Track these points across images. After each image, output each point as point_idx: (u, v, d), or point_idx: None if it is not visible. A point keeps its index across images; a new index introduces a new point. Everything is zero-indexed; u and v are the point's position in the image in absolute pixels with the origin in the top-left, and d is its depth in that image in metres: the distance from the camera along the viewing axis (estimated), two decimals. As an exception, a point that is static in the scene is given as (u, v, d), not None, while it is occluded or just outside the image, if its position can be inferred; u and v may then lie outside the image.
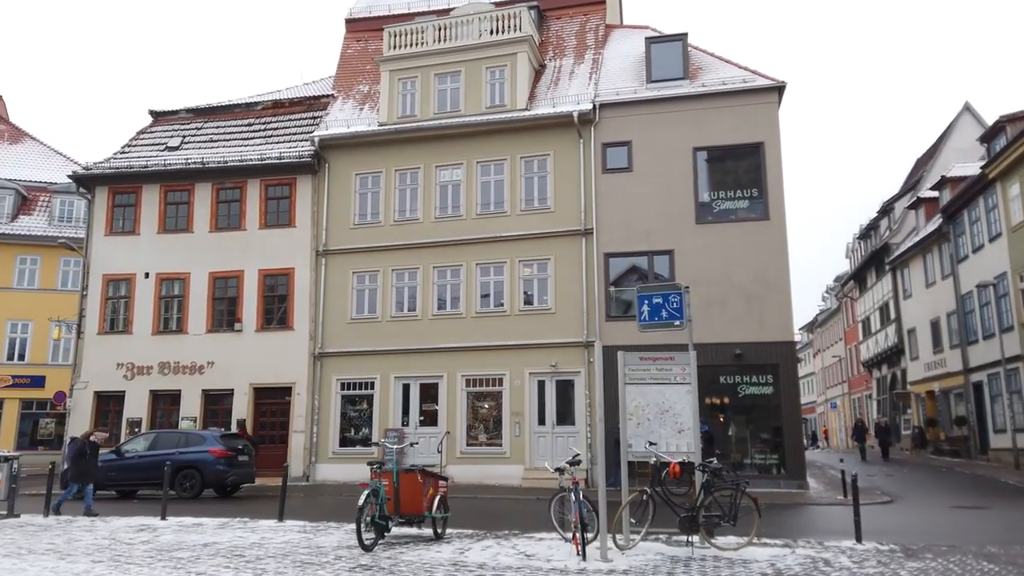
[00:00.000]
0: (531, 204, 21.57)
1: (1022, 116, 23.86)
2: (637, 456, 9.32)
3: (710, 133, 20.45)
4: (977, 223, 26.76)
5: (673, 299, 10.27)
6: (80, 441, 14.27)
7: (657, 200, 20.45)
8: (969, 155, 31.73)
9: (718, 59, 21.80)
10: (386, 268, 22.21)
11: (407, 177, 22.64)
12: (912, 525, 12.68)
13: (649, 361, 9.53)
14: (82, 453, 13.93)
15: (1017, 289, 23.69)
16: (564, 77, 22.96)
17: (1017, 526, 12.12)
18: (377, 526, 8.81)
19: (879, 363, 40.41)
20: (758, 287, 19.42)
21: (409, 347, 21.47)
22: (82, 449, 13.97)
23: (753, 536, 8.78)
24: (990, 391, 26.38)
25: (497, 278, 21.48)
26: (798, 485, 18.29)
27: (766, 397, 19.29)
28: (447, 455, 20.72)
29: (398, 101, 23.05)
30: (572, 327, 20.40)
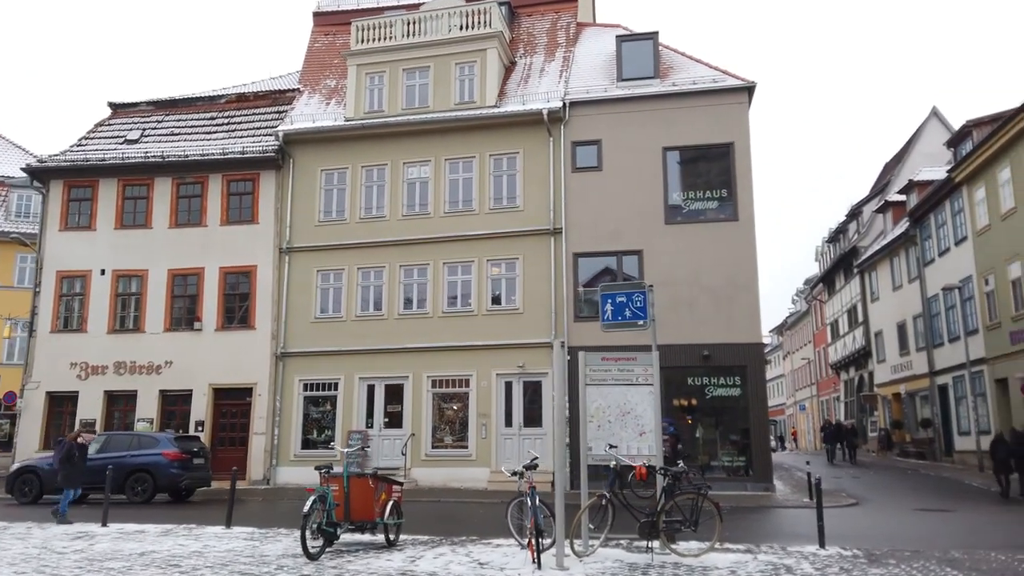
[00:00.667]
0: (500, 203, 21.25)
1: (988, 121, 24.05)
2: (597, 459, 9.03)
3: (680, 133, 20.29)
4: (943, 227, 26.98)
5: (637, 298, 10.00)
6: (68, 443, 13.45)
7: (627, 200, 20.24)
8: (936, 160, 32.04)
9: (689, 58, 21.66)
10: (351, 266, 21.73)
11: (374, 174, 22.19)
12: (877, 529, 12.56)
13: (611, 362, 9.25)
14: (70, 456, 13.16)
15: (982, 292, 23.88)
16: (534, 74, 22.68)
17: (981, 529, 12.05)
18: (325, 533, 8.40)
19: (847, 365, 40.72)
20: (727, 288, 19.29)
21: (374, 347, 21.02)
22: (70, 451, 13.18)
23: (715, 541, 8.54)
24: (955, 394, 26.59)
25: (465, 277, 21.13)
26: (764, 487, 18.18)
27: (734, 399, 19.16)
28: (412, 457, 20.30)
29: (365, 96, 22.59)
30: (540, 327, 20.10)
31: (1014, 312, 21.72)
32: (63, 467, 13.06)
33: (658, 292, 19.48)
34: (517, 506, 8.72)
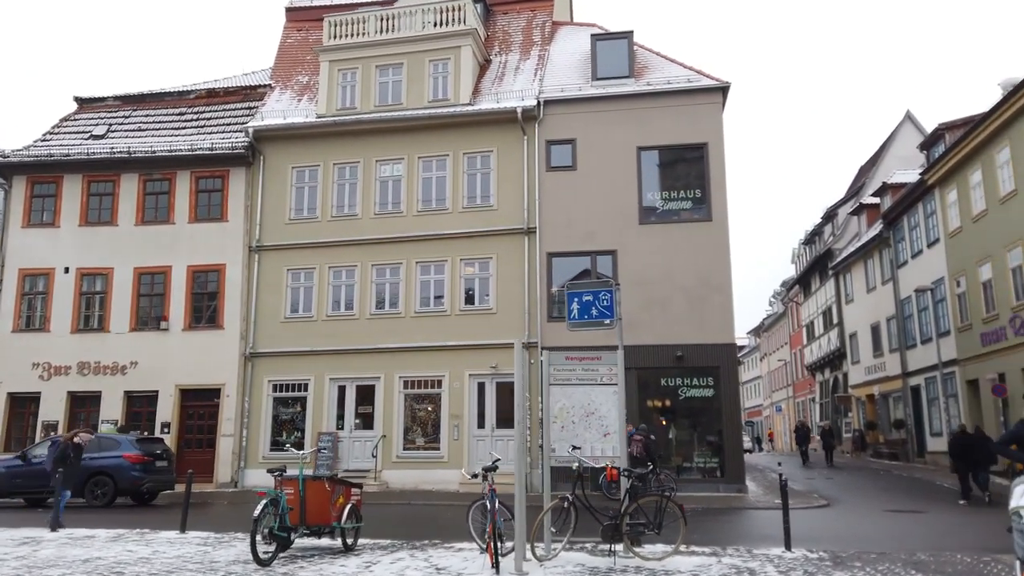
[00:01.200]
0: (473, 201, 21.02)
1: (960, 124, 24.21)
2: (560, 461, 8.83)
3: (654, 133, 20.19)
4: (916, 229, 27.15)
5: (604, 297, 9.81)
6: (63, 443, 12.89)
7: (601, 199, 20.10)
8: (910, 163, 32.30)
9: (663, 58, 21.58)
10: (322, 265, 21.40)
11: (346, 171, 21.87)
12: (846, 530, 12.50)
13: (575, 361, 9.06)
14: (65, 456, 12.63)
15: (954, 294, 24.04)
16: (509, 73, 22.48)
17: (950, 531, 12.01)
18: (278, 538, 8.11)
19: (822, 367, 40.94)
20: (700, 288, 19.21)
21: (345, 347, 20.70)
22: (64, 452, 12.62)
23: (679, 544, 8.37)
24: (927, 395, 26.76)
25: (438, 277, 20.88)
26: (737, 489, 18.10)
27: (707, 400, 19.07)
28: (383, 459, 20.01)
29: (338, 93, 22.27)
30: (513, 327, 19.86)
31: (985, 314, 21.86)
32: (57, 468, 12.47)
33: (632, 292, 19.68)
34: (479, 509, 8.49)
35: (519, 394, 8.01)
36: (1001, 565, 8.13)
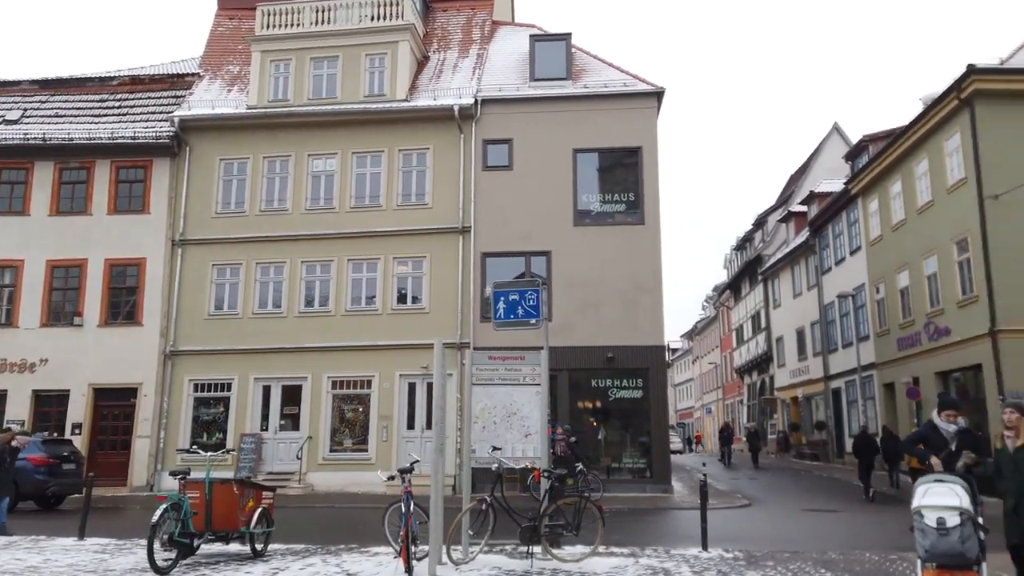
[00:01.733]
0: (408, 199, 20.73)
1: (883, 136, 25.17)
2: (480, 462, 8.70)
3: (590, 135, 20.30)
4: (840, 236, 28.10)
5: (530, 296, 9.71)
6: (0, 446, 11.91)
7: (536, 200, 20.09)
8: (837, 173, 33.42)
9: (601, 62, 21.74)
10: (250, 261, 20.75)
11: (276, 165, 21.28)
12: (764, 529, 12.75)
13: (498, 361, 8.95)
14: (1, 460, 11.67)
15: (873, 300, 24.95)
16: (447, 70, 22.27)
17: (861, 530, 12.38)
18: (179, 545, 7.72)
19: (750, 370, 42.02)
20: (632, 291, 19.40)
21: (272, 346, 20.12)
22: (1, 456, 11.69)
23: (597, 546, 8.33)
24: (847, 397, 27.72)
25: (370, 275, 20.50)
26: (663, 489, 18.33)
27: (636, 401, 19.26)
28: (308, 461, 19.51)
29: (270, 84, 21.65)
30: (446, 328, 19.64)
31: (902, 319, 22.75)
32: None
33: (565, 294, 19.75)
34: (396, 512, 8.26)
35: (437, 394, 7.84)
36: (906, 563, 8.38)
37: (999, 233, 17.80)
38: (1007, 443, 6.50)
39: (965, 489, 5.89)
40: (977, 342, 18.24)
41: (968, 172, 18.69)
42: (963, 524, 5.69)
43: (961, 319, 19.16)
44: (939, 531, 5.70)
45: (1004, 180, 17.73)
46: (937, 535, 5.70)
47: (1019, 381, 16.81)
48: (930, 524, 5.76)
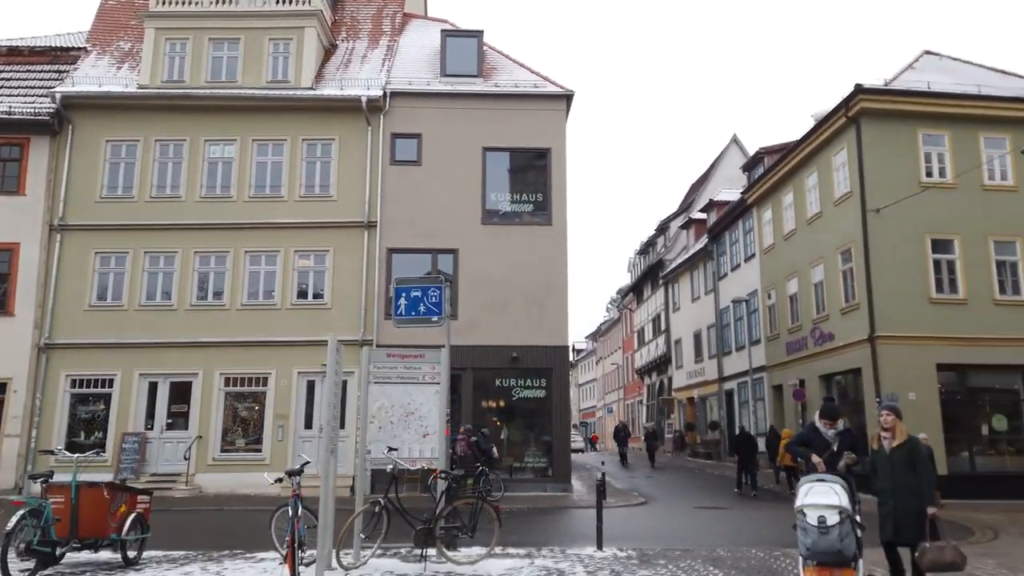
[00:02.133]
0: (312, 190, 20.07)
1: (778, 149, 26.38)
2: (376, 463, 8.44)
3: (500, 134, 20.25)
4: (736, 244, 29.26)
5: (432, 293, 9.54)
6: None
7: (445, 197, 19.87)
8: (735, 182, 34.85)
9: (512, 62, 21.74)
10: (137, 249, 19.55)
11: (170, 149, 20.14)
12: (659, 527, 13.03)
13: (396, 359, 8.71)
14: None
15: (765, 305, 26.10)
16: (356, 60, 21.71)
17: (749, 527, 12.86)
18: (39, 554, 7.09)
19: (650, 371, 43.22)
20: (538, 291, 19.48)
21: (160, 340, 19.02)
22: None
23: (492, 547, 8.24)
24: (739, 398, 28.90)
25: (269, 268, 19.71)
26: (563, 488, 18.50)
27: (539, 401, 19.36)
28: (197, 462, 18.55)
29: (164, 63, 20.46)
30: (349, 324, 19.13)
31: (790, 324, 23.89)
32: None
33: (472, 293, 19.62)
34: (283, 515, 7.89)
35: (329, 392, 7.54)
36: (789, 559, 8.72)
37: (879, 245, 18.93)
38: (883, 444, 6.82)
39: (845, 488, 6.13)
40: (858, 347, 19.35)
41: (853, 186, 19.79)
42: (842, 522, 5.91)
43: (844, 325, 20.28)
44: (820, 529, 5.91)
45: (885, 195, 18.87)
46: (818, 533, 5.90)
47: (895, 385, 17.94)
48: (811, 523, 5.96)
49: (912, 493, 6.55)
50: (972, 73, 21.82)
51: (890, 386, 18.02)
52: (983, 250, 19.11)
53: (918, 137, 19.59)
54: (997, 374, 19.02)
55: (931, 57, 23.22)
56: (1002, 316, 18.77)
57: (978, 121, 19.66)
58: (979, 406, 18.95)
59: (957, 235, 19.09)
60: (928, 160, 19.55)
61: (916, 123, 19.59)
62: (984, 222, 19.15)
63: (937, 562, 6.21)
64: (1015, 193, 19.52)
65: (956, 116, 19.60)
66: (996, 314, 18.80)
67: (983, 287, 18.94)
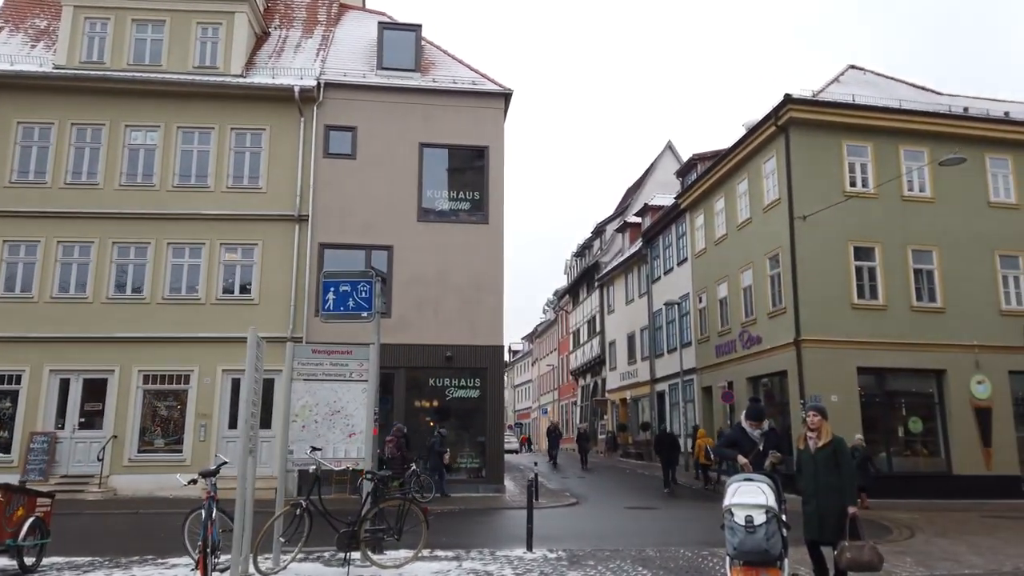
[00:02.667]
0: (240, 182, 19.36)
1: (711, 156, 26.91)
2: (299, 464, 8.10)
3: (437, 130, 19.97)
4: (669, 248, 29.72)
5: (362, 288, 9.24)
6: None
7: (380, 192, 19.47)
8: (669, 188, 35.44)
9: (451, 58, 21.51)
10: (50, 238, 18.47)
11: (87, 134, 19.10)
12: (589, 527, 13.01)
13: (322, 355, 8.38)
14: None
15: (696, 309, 26.58)
16: (289, 49, 21.08)
17: (677, 526, 12.97)
18: (-81, 564, 6.52)
19: (585, 372, 43.55)
20: (473, 290, 19.30)
21: (73, 335, 18.01)
22: None
23: (420, 549, 8.00)
24: (670, 399, 29.35)
25: (193, 261, 18.91)
26: (496, 489, 18.36)
27: (473, 401, 19.17)
28: (111, 463, 17.63)
29: (83, 43, 19.40)
30: (277, 321, 18.53)
31: (720, 328, 24.38)
32: None
33: (406, 290, 19.28)
34: (197, 518, 7.48)
35: (247, 388, 7.19)
36: (716, 559, 8.78)
37: (805, 251, 19.48)
38: (809, 444, 6.91)
39: (771, 488, 6.17)
40: (784, 350, 19.86)
41: (781, 193, 20.32)
42: (768, 522, 5.94)
43: (771, 328, 20.79)
44: (747, 529, 5.92)
45: (811, 202, 19.43)
46: (745, 532, 5.91)
47: (818, 387, 18.48)
48: (739, 522, 5.97)
49: (835, 492, 6.65)
50: (893, 88, 22.75)
51: (814, 388, 18.55)
52: (902, 258, 19.88)
53: (843, 147, 20.25)
54: (913, 378, 19.82)
55: (856, 72, 24.11)
56: (919, 322, 19.57)
57: (899, 134, 20.46)
58: (896, 408, 19.71)
59: (878, 243, 19.80)
60: (852, 170, 20.23)
61: (841, 134, 20.25)
62: (903, 232, 19.94)
63: (856, 560, 6.31)
64: (932, 205, 20.37)
65: (878, 128, 20.35)
66: (913, 320, 19.58)
67: (901, 294, 19.69)
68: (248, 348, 7.14)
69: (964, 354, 19.43)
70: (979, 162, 20.55)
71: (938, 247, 20.13)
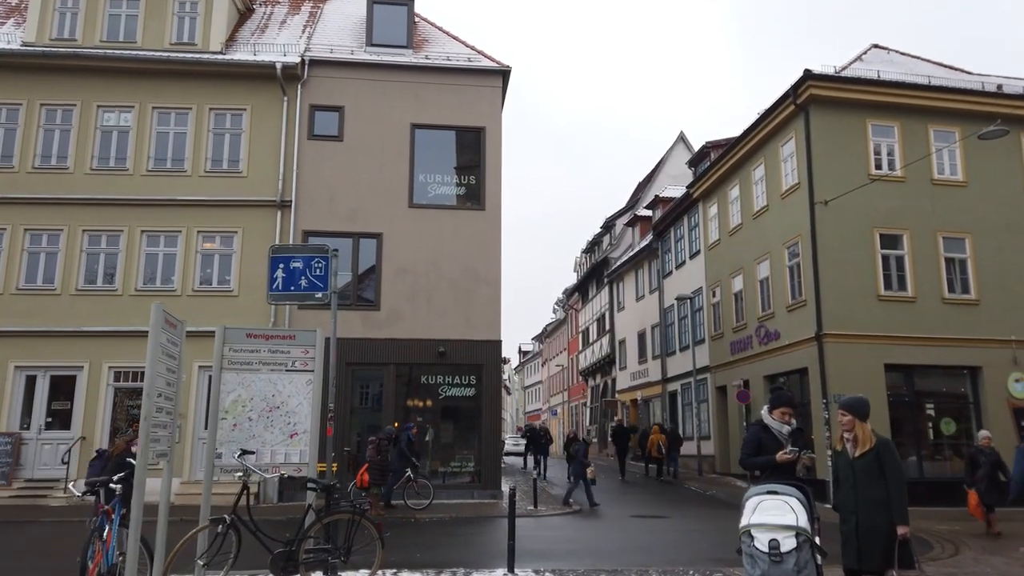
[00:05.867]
0: (219, 165, 18.14)
1: (723, 143, 25.46)
2: (227, 469, 6.78)
3: (430, 111, 18.68)
4: (681, 241, 28.26)
5: (317, 264, 7.96)
6: None
7: (368, 176, 18.20)
8: (681, 180, 33.97)
9: (445, 34, 20.21)
10: (16, 226, 17.34)
11: (57, 115, 17.96)
12: (590, 540, 11.64)
13: (259, 339, 7.06)
14: None
15: (710, 304, 25.10)
16: (274, 25, 19.86)
17: (687, 539, 11.56)
18: None
19: (594, 372, 42.09)
20: (468, 281, 17.98)
21: (39, 329, 16.86)
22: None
23: (374, 572, 6.66)
24: (682, 400, 27.87)
25: (169, 250, 17.71)
26: (492, 495, 17.00)
27: (469, 399, 17.85)
28: (79, 466, 16.39)
29: (53, 19, 18.28)
30: (258, 312, 17.25)
31: (735, 323, 22.90)
32: None
33: (397, 281, 17.95)
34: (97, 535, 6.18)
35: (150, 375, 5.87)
36: (731, 581, 7.39)
37: (827, 239, 18.01)
38: (847, 447, 5.49)
39: (802, 503, 4.78)
40: (804, 346, 18.38)
41: (801, 178, 18.85)
42: (800, 548, 4.55)
43: (790, 323, 19.31)
44: (772, 557, 4.53)
45: (833, 186, 17.96)
46: (769, 562, 4.53)
47: (842, 385, 16.96)
48: (761, 548, 4.59)
49: (880, 508, 5.23)
50: (919, 67, 21.22)
51: (837, 387, 17.05)
52: (932, 246, 18.37)
53: (867, 127, 18.76)
54: (945, 375, 18.29)
55: (879, 51, 22.58)
56: (951, 315, 18.04)
57: (928, 113, 18.94)
58: (927, 409, 18.17)
59: (906, 230, 18.30)
60: (877, 152, 18.74)
61: (865, 113, 18.76)
62: (933, 217, 18.42)
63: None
64: (964, 188, 18.84)
65: (905, 107, 18.84)
66: (945, 313, 18.05)
67: (932, 285, 18.17)
68: (151, 327, 5.85)
69: (1000, 349, 17.87)
70: (1015, 143, 18.99)
71: (971, 234, 18.59)
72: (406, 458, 15.53)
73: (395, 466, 15.31)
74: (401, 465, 15.39)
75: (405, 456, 15.55)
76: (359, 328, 17.31)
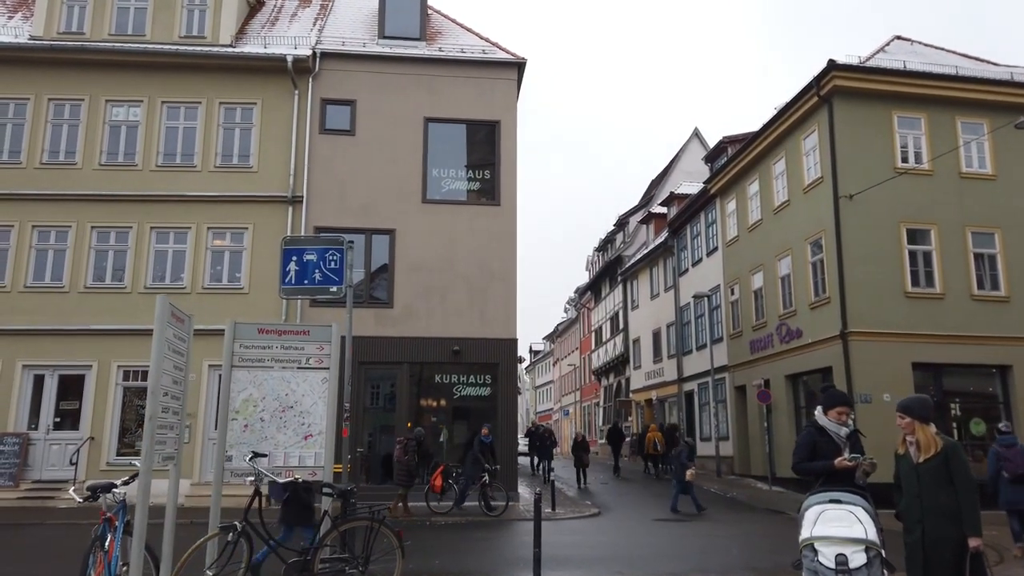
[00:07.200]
0: (229, 160, 17.80)
1: (741, 138, 24.92)
2: (237, 473, 6.39)
3: (444, 104, 18.28)
4: (698, 237, 27.74)
5: (332, 257, 7.55)
6: None
7: (381, 171, 17.83)
8: (696, 176, 33.42)
9: (459, 26, 19.81)
10: (24, 223, 17.06)
11: (65, 110, 17.68)
12: (609, 546, 11.20)
13: (272, 335, 6.67)
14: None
15: (728, 302, 24.58)
16: (285, 18, 19.52)
17: (710, 545, 11.10)
18: None
19: (607, 372, 41.58)
20: (483, 278, 17.58)
21: (48, 327, 16.58)
22: None
23: (393, 584, 6.26)
24: (699, 400, 27.35)
25: (178, 247, 17.40)
26: (508, 498, 16.52)
27: (484, 399, 17.45)
28: (87, 467, 16.13)
29: (62, 13, 17.99)
30: (269, 310, 16.93)
31: (755, 321, 22.38)
32: None
33: (410, 278, 17.56)
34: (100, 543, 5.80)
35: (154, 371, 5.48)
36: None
37: (852, 234, 17.49)
38: (910, 451, 5.03)
39: (869, 512, 4.32)
40: (828, 344, 17.86)
41: (824, 171, 18.34)
42: (870, 563, 4.10)
43: (813, 321, 18.79)
44: (839, 573, 4.08)
45: (858, 180, 17.45)
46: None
47: (868, 385, 16.49)
48: (826, 564, 4.14)
49: (948, 519, 4.77)
50: (944, 58, 20.65)
51: (863, 386, 16.56)
52: (960, 241, 17.82)
53: (893, 120, 18.23)
54: (974, 374, 17.74)
55: (902, 42, 21.98)
56: (980, 312, 17.49)
57: (955, 104, 18.41)
58: (955, 409, 17.61)
59: (933, 224, 17.76)
60: (903, 144, 18.20)
61: (891, 104, 18.23)
62: (961, 212, 17.87)
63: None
64: (993, 182, 18.29)
65: (933, 98, 18.30)
66: (974, 310, 17.51)
67: (960, 281, 17.63)
68: (156, 320, 5.47)
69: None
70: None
71: (1000, 229, 18.04)
72: (480, 463, 15.09)
73: (469, 471, 14.92)
74: (475, 470, 14.96)
75: (479, 461, 15.10)
76: (372, 326, 16.94)
